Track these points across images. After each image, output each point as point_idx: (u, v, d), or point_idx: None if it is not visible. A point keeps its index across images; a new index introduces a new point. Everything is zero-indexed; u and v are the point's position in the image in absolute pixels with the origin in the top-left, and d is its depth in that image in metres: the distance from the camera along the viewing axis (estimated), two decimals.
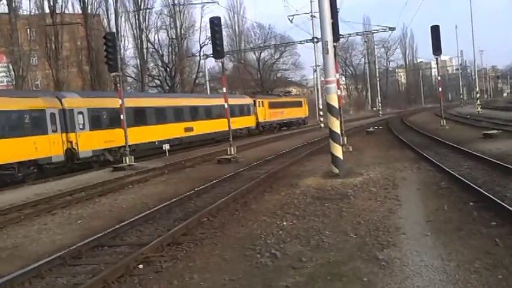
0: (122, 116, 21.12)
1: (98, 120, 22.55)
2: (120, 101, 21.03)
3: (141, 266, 6.65)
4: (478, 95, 53.10)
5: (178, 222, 8.97)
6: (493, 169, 11.82)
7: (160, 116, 27.53)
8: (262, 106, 42.50)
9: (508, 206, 7.53)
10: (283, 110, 46.58)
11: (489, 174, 11.31)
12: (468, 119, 35.70)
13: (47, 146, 19.39)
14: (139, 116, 25.49)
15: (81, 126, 21.21)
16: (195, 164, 20.51)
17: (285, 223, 8.22)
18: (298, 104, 51.53)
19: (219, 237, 7.80)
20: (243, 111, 38.67)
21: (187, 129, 29.54)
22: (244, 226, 8.35)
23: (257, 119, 41.21)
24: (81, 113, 21.38)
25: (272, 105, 44.38)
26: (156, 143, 26.19)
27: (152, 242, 7.50)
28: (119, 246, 7.95)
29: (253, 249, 6.86)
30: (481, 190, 8.97)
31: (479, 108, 46.12)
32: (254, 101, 41.24)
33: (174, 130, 28.11)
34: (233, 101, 35.77)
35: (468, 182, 9.91)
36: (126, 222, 9.24)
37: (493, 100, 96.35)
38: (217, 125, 31.43)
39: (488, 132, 20.57)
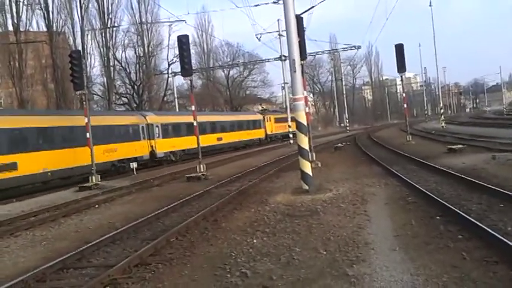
0: (88, 135, 20.70)
1: (166, 131, 31.58)
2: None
3: None
4: (442, 111, 54.51)
5: (147, 243, 8.78)
6: (459, 183, 12.05)
7: (201, 128, 33.60)
8: (270, 121, 51.67)
9: (473, 220, 7.66)
10: (285, 124, 53.21)
11: (455, 188, 11.52)
12: (433, 134, 36.47)
13: (141, 148, 28.32)
14: (188, 129, 31.85)
15: (157, 135, 30.21)
16: (163, 182, 20.25)
17: (255, 241, 8.16)
18: None
19: (188, 257, 7.67)
20: (255, 125, 48.45)
21: (218, 139, 38.99)
22: (214, 245, 8.24)
23: (266, 131, 50.35)
24: (157, 126, 30.53)
25: (277, 120, 52.91)
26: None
27: (119, 263, 7.32)
28: (85, 268, 7.72)
29: (224, 269, 6.76)
30: (447, 204, 9.09)
31: (443, 124, 47.21)
32: (264, 117, 50.63)
33: (211, 139, 36.98)
34: (249, 117, 49.82)
35: (435, 197, 10.04)
36: (92, 243, 8.99)
37: (456, 115, 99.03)
38: (238, 136, 42.70)
39: (453, 147, 20.98)
